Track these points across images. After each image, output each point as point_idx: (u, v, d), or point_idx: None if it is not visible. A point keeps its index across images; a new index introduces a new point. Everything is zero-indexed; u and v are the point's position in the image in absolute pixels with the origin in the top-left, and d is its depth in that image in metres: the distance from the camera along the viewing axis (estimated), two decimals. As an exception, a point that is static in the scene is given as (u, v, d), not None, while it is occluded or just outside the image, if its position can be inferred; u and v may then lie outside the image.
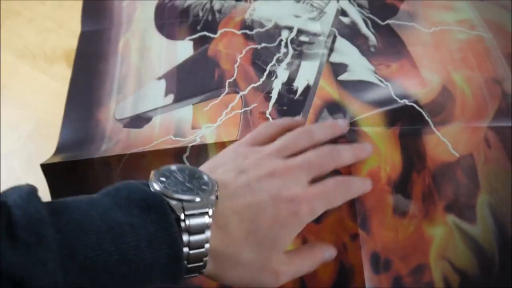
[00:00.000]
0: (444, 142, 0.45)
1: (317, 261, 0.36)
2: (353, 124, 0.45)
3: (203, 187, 0.31)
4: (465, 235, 0.42)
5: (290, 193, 0.33)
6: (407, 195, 0.43)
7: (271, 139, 0.39)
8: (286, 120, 0.43)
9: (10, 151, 0.51)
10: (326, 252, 0.37)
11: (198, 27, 0.57)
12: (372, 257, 0.41)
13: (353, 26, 0.54)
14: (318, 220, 0.43)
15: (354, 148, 0.40)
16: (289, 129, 0.40)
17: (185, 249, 0.28)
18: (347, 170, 0.44)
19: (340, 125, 0.42)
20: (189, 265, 0.29)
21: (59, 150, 0.47)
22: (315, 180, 0.36)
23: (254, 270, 0.32)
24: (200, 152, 0.45)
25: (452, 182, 0.44)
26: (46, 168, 0.44)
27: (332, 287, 0.41)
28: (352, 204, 0.42)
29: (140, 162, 0.45)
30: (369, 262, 0.41)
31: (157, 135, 0.47)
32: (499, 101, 0.47)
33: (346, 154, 0.39)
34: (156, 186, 0.29)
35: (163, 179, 0.30)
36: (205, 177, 0.32)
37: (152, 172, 0.30)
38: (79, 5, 0.61)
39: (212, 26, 0.57)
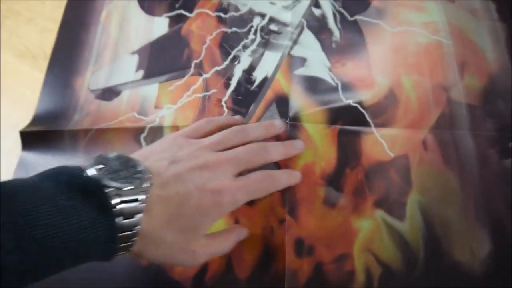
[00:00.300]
0: (381, 143, 0.47)
1: (232, 242, 0.41)
2: (295, 119, 0.49)
3: (137, 175, 0.34)
4: (392, 230, 0.44)
5: (216, 184, 0.38)
6: (339, 188, 0.46)
7: (209, 134, 0.43)
8: (226, 118, 0.47)
9: (10, 151, 0.52)
10: (240, 234, 0.42)
11: (177, 5, 0.59)
12: (296, 242, 0.44)
13: (322, 19, 0.56)
14: (250, 204, 0.46)
15: (285, 145, 0.44)
16: (228, 127, 0.44)
17: (118, 231, 0.32)
18: (284, 163, 0.47)
19: (276, 125, 0.46)
20: (120, 245, 0.33)
21: (35, 118, 0.53)
22: (243, 173, 0.40)
23: (175, 250, 0.36)
24: (157, 134, 0.50)
25: (385, 180, 0.46)
26: (24, 136, 0.51)
27: (256, 267, 0.44)
28: (283, 192, 0.45)
29: (103, 137, 0.50)
30: (293, 246, 0.43)
31: (123, 111, 0.52)
32: (443, 108, 0.49)
33: (275, 150, 0.43)
34: (94, 172, 0.32)
35: (101, 166, 0.33)
36: (139, 166, 0.35)
37: (91, 159, 0.34)
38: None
39: (189, 5, 0.59)
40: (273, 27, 0.56)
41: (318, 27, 0.55)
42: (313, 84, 0.51)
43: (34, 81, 0.56)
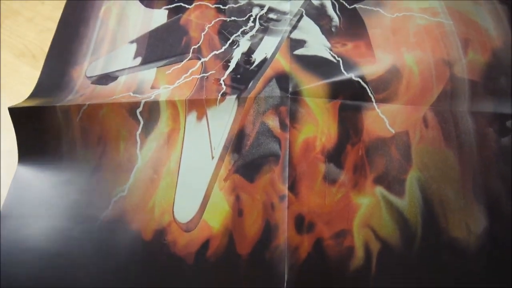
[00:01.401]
0: (382, 119, 0.47)
1: None
2: (296, 93, 0.48)
3: None
4: (391, 207, 0.44)
5: None
6: (339, 165, 0.45)
7: None
8: None
9: (9, 151, 0.51)
10: None
11: None
12: (296, 218, 0.44)
13: (321, 7, 0.56)
14: (252, 180, 0.45)
15: None
16: None
17: None
18: (284, 137, 0.46)
19: None
20: None
21: (29, 98, 0.51)
22: None
23: None
24: (152, 108, 0.48)
25: (385, 156, 0.46)
26: (13, 112, 0.48)
27: (256, 243, 0.44)
28: (284, 167, 0.45)
29: (97, 113, 0.48)
30: (294, 223, 0.43)
31: (118, 91, 0.51)
32: (445, 83, 0.49)
33: None
34: None
35: None
36: None
37: None
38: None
39: None
40: (272, 15, 0.55)
41: (317, 14, 0.55)
42: (313, 62, 0.51)
43: (34, 80, 0.55)
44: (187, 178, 0.46)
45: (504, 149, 0.46)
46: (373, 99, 0.48)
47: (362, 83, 0.48)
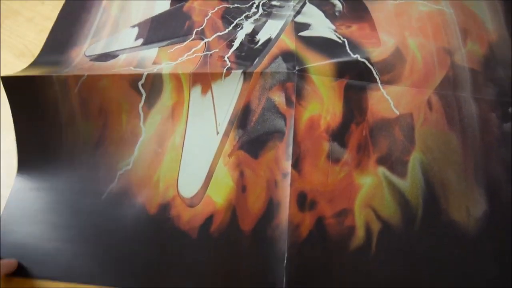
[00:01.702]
0: (387, 100, 0.47)
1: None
2: (302, 70, 0.47)
3: None
4: (393, 188, 0.44)
5: None
6: (343, 144, 0.45)
7: None
8: None
9: (9, 151, 0.51)
10: (9, 268, 0.42)
11: None
12: (299, 196, 0.44)
13: None
14: (256, 156, 0.45)
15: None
16: None
17: None
18: (289, 114, 0.46)
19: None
20: None
21: (23, 70, 0.50)
22: None
23: None
24: (155, 81, 0.47)
25: (389, 137, 0.46)
26: (5, 81, 0.47)
27: (259, 219, 0.44)
28: (288, 144, 0.45)
29: (96, 84, 0.47)
30: (296, 200, 0.43)
31: (118, 66, 0.50)
32: (447, 70, 0.49)
33: None
34: None
35: None
36: None
37: None
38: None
39: None
40: (275, 2, 0.55)
41: (320, 1, 0.55)
42: (319, 42, 0.50)
43: None
44: (191, 153, 0.46)
45: (506, 135, 0.47)
46: (378, 80, 0.47)
47: (368, 64, 0.48)
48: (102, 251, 0.43)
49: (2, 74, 0.48)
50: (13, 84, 0.47)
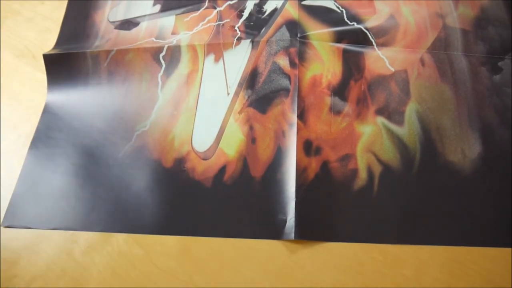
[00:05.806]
0: (382, 59, 0.52)
1: None
2: (304, 37, 0.53)
3: None
4: (392, 134, 0.48)
5: None
6: (343, 98, 0.50)
7: None
8: None
9: (10, 151, 0.51)
10: None
11: None
12: (305, 143, 0.48)
13: None
14: (264, 111, 0.50)
15: None
16: None
17: None
18: (293, 73, 0.51)
19: None
20: None
21: (57, 44, 0.57)
22: None
23: None
24: (175, 52, 0.54)
25: (385, 91, 0.50)
26: (47, 58, 0.54)
27: (269, 166, 0.48)
28: (293, 100, 0.50)
29: (123, 58, 0.54)
30: (302, 147, 0.48)
31: (141, 37, 0.56)
32: (439, 32, 0.53)
33: None
34: None
35: None
36: None
37: None
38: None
39: None
40: None
41: None
42: (320, 11, 0.56)
43: (34, 81, 0.56)
44: (204, 112, 0.51)
45: (496, 85, 0.50)
46: (374, 43, 0.52)
47: (364, 29, 0.53)
48: (119, 202, 0.47)
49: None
50: (54, 60, 0.54)
